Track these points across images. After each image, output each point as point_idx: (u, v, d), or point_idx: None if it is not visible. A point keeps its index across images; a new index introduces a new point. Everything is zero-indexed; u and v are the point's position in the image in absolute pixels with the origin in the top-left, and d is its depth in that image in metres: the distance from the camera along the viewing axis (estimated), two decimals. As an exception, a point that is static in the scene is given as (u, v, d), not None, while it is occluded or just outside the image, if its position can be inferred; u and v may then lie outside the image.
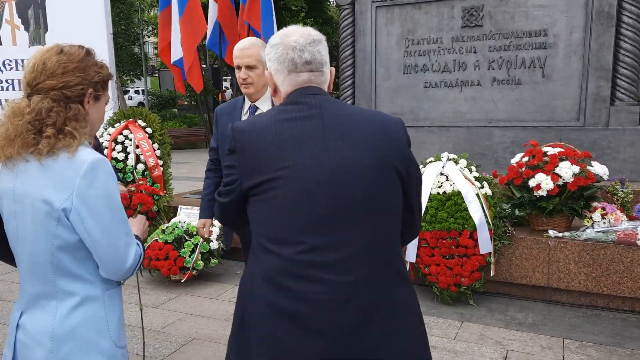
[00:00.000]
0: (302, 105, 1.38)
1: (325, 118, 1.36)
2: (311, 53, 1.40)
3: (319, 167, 1.31)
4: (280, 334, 1.31)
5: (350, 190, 1.31)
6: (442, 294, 3.78)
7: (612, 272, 3.53)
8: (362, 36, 5.94)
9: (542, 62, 5.19)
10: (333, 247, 1.30)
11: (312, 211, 1.30)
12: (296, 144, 1.33)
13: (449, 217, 3.74)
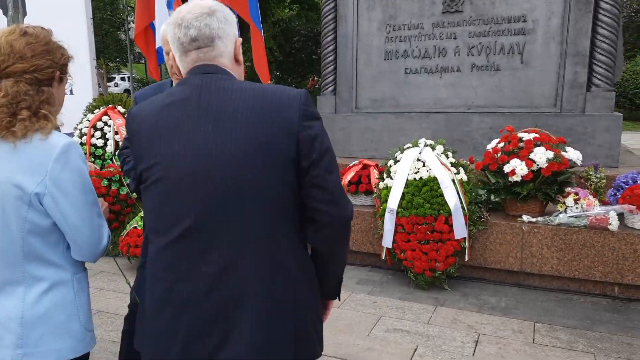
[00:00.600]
0: (185, 87, 1.28)
1: (202, 100, 1.24)
2: (197, 28, 1.27)
3: (189, 154, 1.22)
4: (158, 325, 1.28)
5: (220, 179, 1.20)
6: (417, 279, 3.82)
7: (583, 256, 3.59)
8: (344, 22, 5.90)
9: (521, 48, 5.20)
10: (199, 238, 1.22)
11: (181, 202, 1.23)
12: (171, 131, 1.24)
13: (424, 202, 3.76)
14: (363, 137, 5.86)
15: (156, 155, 1.25)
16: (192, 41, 1.28)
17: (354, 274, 4.15)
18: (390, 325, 3.20)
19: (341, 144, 5.96)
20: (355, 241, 4.29)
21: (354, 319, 3.29)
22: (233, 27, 1.33)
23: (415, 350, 2.88)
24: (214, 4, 1.31)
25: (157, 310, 1.28)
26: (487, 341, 3.01)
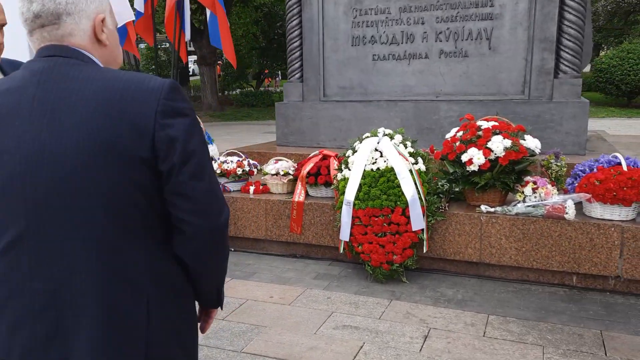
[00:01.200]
0: (25, 72, 1.10)
1: (39, 89, 1.07)
2: (41, 3, 1.08)
3: (19, 152, 1.05)
4: None
5: (51, 182, 1.04)
6: (374, 272, 3.73)
7: (541, 246, 3.52)
8: (309, 5, 5.75)
9: (488, 33, 5.09)
10: (29, 249, 1.06)
11: (9, 207, 1.07)
12: (1, 123, 1.07)
13: (381, 194, 3.67)
14: (331, 126, 5.75)
15: None
16: (35, 18, 1.09)
17: (312, 269, 4.06)
18: (340, 322, 3.12)
19: (309, 134, 5.85)
20: (315, 234, 4.19)
21: (303, 317, 3.20)
22: (92, 1, 1.13)
23: (360, 348, 2.80)
24: None
25: None
26: (437, 335, 2.93)
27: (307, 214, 4.18)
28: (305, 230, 4.22)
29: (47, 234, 1.06)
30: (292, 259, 4.29)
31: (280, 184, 4.40)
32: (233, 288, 3.71)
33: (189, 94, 23.36)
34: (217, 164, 4.53)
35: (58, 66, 1.09)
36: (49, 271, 1.06)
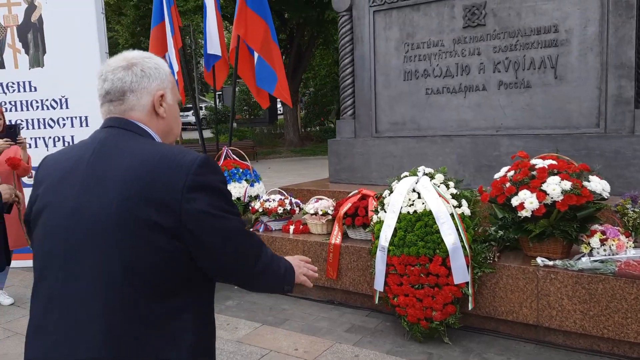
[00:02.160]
0: (89, 139, 1.29)
1: (94, 155, 1.23)
2: (111, 81, 1.28)
3: (67, 205, 1.21)
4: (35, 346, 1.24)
5: (84, 234, 1.17)
6: (411, 329, 3.30)
7: (613, 310, 2.91)
8: (361, 43, 5.55)
9: (553, 61, 4.57)
10: (56, 291, 1.19)
11: (50, 247, 1.22)
12: (60, 181, 1.25)
13: (418, 240, 3.27)
14: (383, 163, 5.42)
15: (43, 204, 1.26)
16: (106, 94, 1.29)
17: (347, 319, 3.69)
18: (360, 388, 2.73)
19: (361, 171, 5.56)
20: (352, 280, 3.85)
21: (321, 378, 2.85)
22: (154, 79, 1.30)
23: None
24: (136, 57, 1.31)
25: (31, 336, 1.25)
26: (473, 416, 2.45)
27: (344, 258, 3.85)
28: (342, 276, 3.88)
29: (72, 284, 1.17)
30: (328, 306, 3.96)
31: (320, 224, 4.12)
32: (261, 336, 3.44)
33: (275, 132, 24.03)
34: (260, 202, 4.36)
35: (112, 137, 1.26)
36: (65, 319, 1.16)
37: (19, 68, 5.21)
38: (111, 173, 1.19)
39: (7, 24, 5.20)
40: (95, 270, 1.15)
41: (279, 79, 5.53)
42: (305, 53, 19.20)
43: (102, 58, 5.22)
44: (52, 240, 1.21)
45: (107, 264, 1.14)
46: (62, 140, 5.23)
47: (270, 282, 1.43)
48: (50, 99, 5.18)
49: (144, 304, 1.15)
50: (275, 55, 5.30)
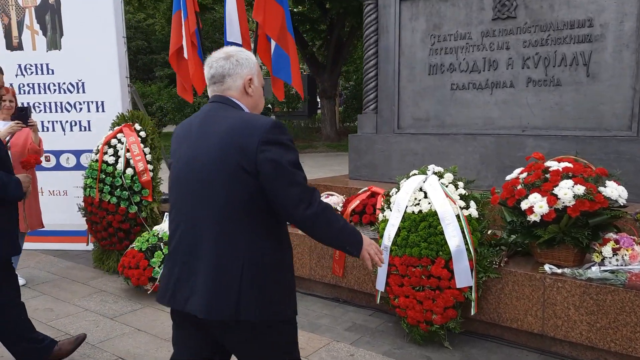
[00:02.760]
0: (200, 111, 1.80)
1: (203, 122, 1.74)
2: (215, 68, 1.78)
3: (184, 158, 1.75)
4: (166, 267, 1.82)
5: (198, 178, 1.68)
6: (411, 331, 3.22)
7: (621, 324, 2.74)
8: (386, 33, 5.42)
9: (586, 58, 4.32)
10: (181, 219, 1.75)
11: (177, 191, 1.78)
12: (182, 141, 1.79)
13: (421, 241, 3.17)
14: (404, 161, 5.30)
15: (173, 155, 1.82)
16: (211, 77, 1.80)
17: (350, 317, 3.64)
18: (347, 389, 2.68)
19: (381, 168, 5.46)
20: (357, 279, 3.78)
21: (310, 375, 2.82)
22: (245, 67, 1.79)
23: None
24: (233, 51, 1.80)
25: (166, 260, 1.81)
26: None
27: (350, 256, 3.79)
28: (348, 274, 3.83)
29: (191, 213, 1.71)
30: (333, 303, 3.92)
31: (328, 221, 4.06)
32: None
33: (313, 125, 24.02)
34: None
35: (215, 108, 1.77)
36: (188, 236, 1.72)
37: (37, 50, 5.24)
38: (213, 132, 1.68)
39: (26, 5, 5.26)
40: (209, 201, 1.65)
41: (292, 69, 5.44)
42: (345, 44, 19.00)
43: (119, 43, 5.24)
44: (179, 182, 1.75)
45: (216, 198, 1.64)
46: (79, 125, 5.29)
47: (326, 232, 1.74)
48: (67, 82, 5.24)
49: (242, 227, 1.64)
50: (291, 45, 5.24)
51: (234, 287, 1.62)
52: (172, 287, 1.72)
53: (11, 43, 5.37)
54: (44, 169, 5.38)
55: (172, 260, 1.75)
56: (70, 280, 4.54)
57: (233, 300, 1.61)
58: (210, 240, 1.65)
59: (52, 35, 5.25)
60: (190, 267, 1.68)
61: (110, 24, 5.10)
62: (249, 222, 1.65)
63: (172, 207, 1.80)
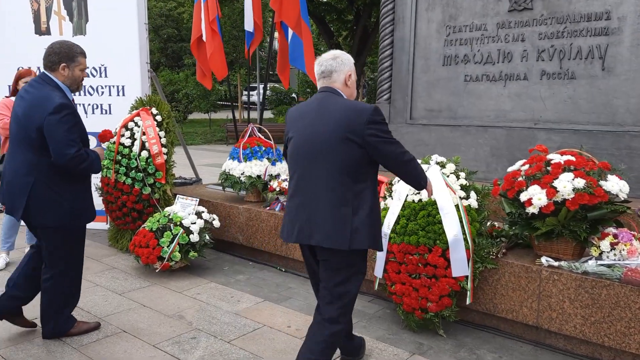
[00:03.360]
0: (314, 98, 2.43)
1: (318, 105, 2.38)
2: (325, 66, 2.41)
3: (305, 131, 2.37)
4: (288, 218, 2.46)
5: (317, 147, 2.31)
6: (406, 318, 3.26)
7: (615, 318, 2.73)
8: (402, 24, 5.42)
9: (602, 51, 4.25)
10: (303, 178, 2.36)
11: (296, 159, 2.40)
12: (301, 119, 2.41)
13: (419, 229, 3.20)
14: (415, 152, 5.12)
15: (292, 130, 2.43)
16: (321, 73, 2.43)
17: (349, 302, 3.69)
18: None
19: (393, 157, 5.45)
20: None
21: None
22: (346, 65, 2.42)
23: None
24: (338, 53, 2.45)
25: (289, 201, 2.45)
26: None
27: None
28: (350, 261, 3.88)
29: (311, 173, 2.33)
30: (335, 290, 3.97)
31: (333, 208, 4.12)
32: (259, 311, 3.53)
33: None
34: (278, 182, 4.43)
35: (326, 97, 2.38)
36: (309, 191, 2.33)
37: (63, 35, 5.41)
38: (328, 114, 2.31)
39: (54, -9, 5.48)
40: (326, 163, 2.28)
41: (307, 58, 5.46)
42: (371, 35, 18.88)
43: (141, 30, 5.36)
44: (301, 149, 2.36)
45: (331, 161, 2.27)
46: (100, 108, 5.47)
47: (413, 172, 2.41)
48: (90, 66, 5.40)
49: (350, 182, 2.28)
50: (305, 34, 5.27)
51: (347, 225, 2.25)
52: (297, 229, 2.34)
53: (40, 28, 5.55)
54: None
55: (294, 209, 2.37)
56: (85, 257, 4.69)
57: (348, 234, 2.25)
58: (327, 191, 2.28)
59: (78, 21, 5.41)
60: (312, 212, 2.30)
61: (133, 11, 5.23)
62: (355, 178, 2.28)
63: (294, 168, 2.40)
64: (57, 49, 2.99)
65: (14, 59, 5.51)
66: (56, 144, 2.77)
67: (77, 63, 3.02)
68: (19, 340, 3.07)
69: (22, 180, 2.85)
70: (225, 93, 22.84)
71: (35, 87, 2.93)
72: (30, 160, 2.85)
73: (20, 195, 2.85)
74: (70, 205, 2.92)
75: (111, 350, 2.97)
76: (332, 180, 2.27)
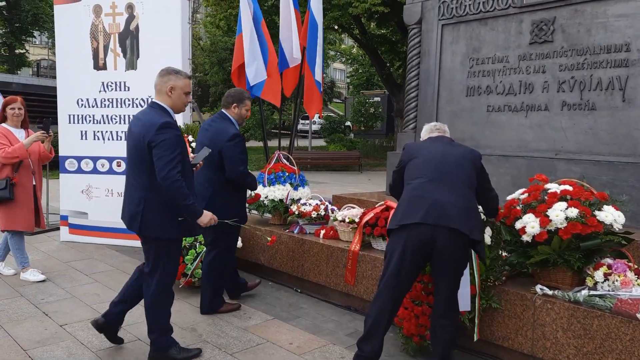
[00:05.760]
0: (431, 140, 3.17)
1: (445, 147, 3.06)
2: (438, 128, 3.32)
3: (435, 154, 3.00)
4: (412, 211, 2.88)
5: (450, 166, 2.92)
6: (405, 341, 3.33)
7: (607, 350, 2.69)
8: (427, 56, 5.58)
9: (622, 83, 4.22)
10: (433, 184, 2.87)
11: (426, 170, 2.94)
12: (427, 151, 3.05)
13: (423, 257, 3.28)
14: (439, 180, 5.36)
15: (417, 154, 3.06)
16: (436, 129, 3.26)
17: (355, 325, 3.81)
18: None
19: (417, 186, 5.55)
20: (366, 289, 3.94)
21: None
22: None
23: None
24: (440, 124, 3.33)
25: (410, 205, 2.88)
26: None
27: (361, 266, 3.97)
28: (359, 283, 4.00)
29: (443, 182, 2.84)
30: (344, 311, 4.10)
31: (347, 232, 4.28)
32: (266, 327, 3.71)
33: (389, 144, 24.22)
34: (297, 205, 4.64)
35: (443, 137, 3.21)
36: (442, 193, 2.81)
37: (117, 70, 6.02)
38: (453, 145, 3.10)
39: (111, 31, 6.07)
40: (457, 179, 2.86)
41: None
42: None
43: (184, 63, 5.81)
44: (428, 166, 2.92)
45: (460, 176, 2.86)
46: (144, 135, 5.99)
47: None
48: (139, 98, 5.95)
49: (471, 193, 2.89)
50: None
51: (474, 216, 2.83)
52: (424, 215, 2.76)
53: (98, 64, 6.18)
54: (116, 173, 6.10)
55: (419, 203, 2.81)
56: (122, 272, 5.10)
57: (471, 224, 2.75)
58: (455, 199, 2.79)
59: (130, 57, 5.99)
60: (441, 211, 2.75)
61: (177, 47, 5.73)
62: (471, 192, 2.90)
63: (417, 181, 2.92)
64: (232, 92, 3.93)
65: (75, 91, 6.18)
66: (231, 163, 3.68)
67: (244, 104, 3.90)
68: (46, 343, 3.41)
69: (204, 191, 3.69)
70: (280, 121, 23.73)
71: (216, 121, 3.90)
72: (210, 176, 3.74)
73: (202, 201, 3.57)
74: (239, 208, 3.86)
75: (124, 356, 3.24)
76: (463, 193, 2.92)
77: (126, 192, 3.08)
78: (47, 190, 7.31)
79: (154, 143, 2.83)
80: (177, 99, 3.09)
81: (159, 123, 2.86)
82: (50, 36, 34.36)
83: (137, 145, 2.92)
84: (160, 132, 2.83)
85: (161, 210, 2.93)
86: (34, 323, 3.72)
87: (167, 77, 3.08)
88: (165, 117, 2.97)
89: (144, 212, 2.93)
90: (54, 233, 6.66)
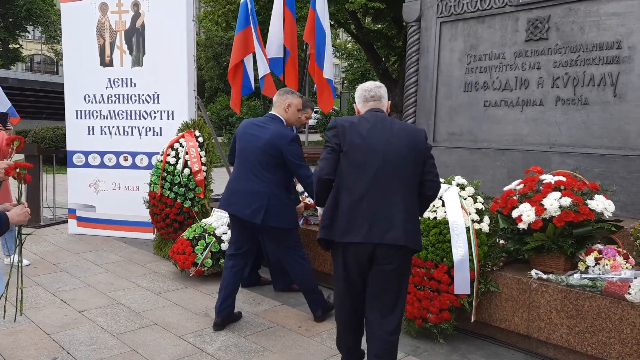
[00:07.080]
0: (368, 115, 2.66)
1: (376, 124, 2.59)
2: (374, 92, 2.74)
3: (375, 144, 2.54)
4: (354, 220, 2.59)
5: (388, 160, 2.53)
6: (408, 324, 3.53)
7: (597, 329, 2.90)
8: (426, 53, 5.76)
9: (613, 79, 4.42)
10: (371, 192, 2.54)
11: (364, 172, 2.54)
12: (368, 132, 2.57)
13: (429, 245, 3.47)
14: (437, 173, 5.55)
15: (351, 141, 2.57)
16: (372, 97, 2.73)
17: (360, 309, 4.00)
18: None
19: (417, 178, 5.74)
20: (371, 276, 4.13)
21: (309, 350, 3.23)
22: (386, 94, 2.77)
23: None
24: (379, 83, 2.77)
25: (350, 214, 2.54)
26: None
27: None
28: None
29: (385, 190, 2.50)
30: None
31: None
32: (275, 312, 3.90)
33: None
34: (302, 197, 4.82)
35: (381, 118, 2.63)
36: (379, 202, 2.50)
37: (124, 66, 6.15)
38: (391, 133, 2.55)
39: (117, 29, 6.20)
40: (398, 174, 2.51)
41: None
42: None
43: (189, 61, 5.94)
44: (368, 162, 2.52)
45: (402, 172, 2.51)
46: (152, 130, 6.11)
47: None
48: (145, 94, 6.09)
49: (409, 191, 2.54)
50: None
51: (416, 223, 2.60)
52: (367, 228, 2.46)
53: (104, 60, 6.31)
54: (123, 167, 6.26)
55: (361, 213, 2.49)
56: (132, 262, 5.28)
57: (417, 236, 2.59)
58: (398, 203, 2.50)
59: (136, 54, 6.13)
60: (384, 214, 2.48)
61: (183, 44, 5.87)
62: (413, 188, 2.56)
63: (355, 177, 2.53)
64: None
65: (82, 87, 6.33)
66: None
67: (304, 112, 4.19)
68: (68, 327, 3.59)
69: None
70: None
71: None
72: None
73: None
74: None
75: (143, 338, 3.42)
76: (402, 189, 2.53)
77: (245, 186, 3.57)
78: (53, 185, 7.45)
79: (287, 151, 3.52)
80: (292, 115, 3.75)
81: (291, 136, 3.58)
82: (44, 31, 34.30)
83: (266, 149, 3.52)
84: (292, 144, 3.55)
85: (280, 202, 3.57)
86: (54, 310, 3.90)
87: (285, 96, 3.74)
88: (288, 129, 3.71)
89: (269, 205, 3.49)
90: (62, 226, 6.82)
